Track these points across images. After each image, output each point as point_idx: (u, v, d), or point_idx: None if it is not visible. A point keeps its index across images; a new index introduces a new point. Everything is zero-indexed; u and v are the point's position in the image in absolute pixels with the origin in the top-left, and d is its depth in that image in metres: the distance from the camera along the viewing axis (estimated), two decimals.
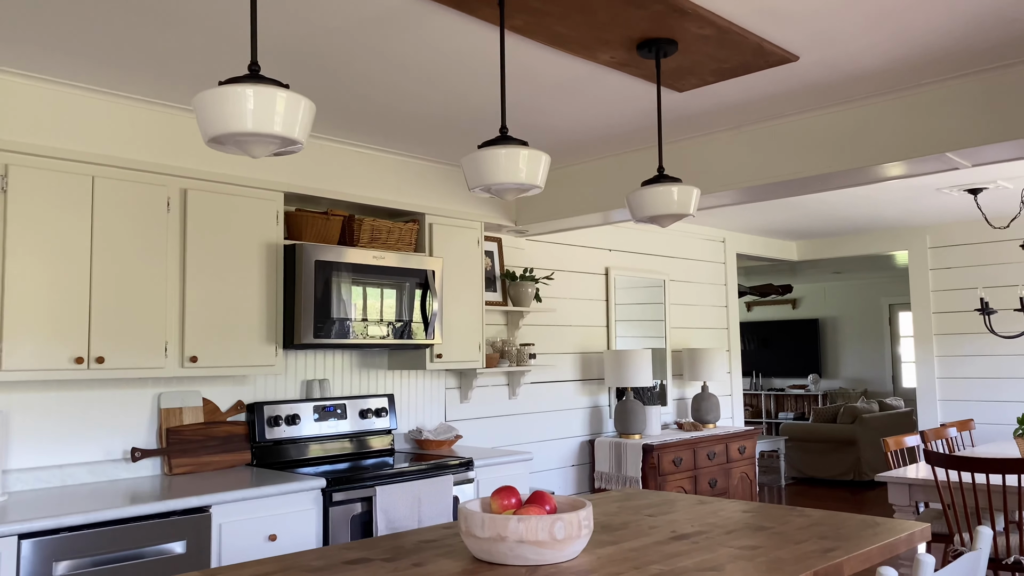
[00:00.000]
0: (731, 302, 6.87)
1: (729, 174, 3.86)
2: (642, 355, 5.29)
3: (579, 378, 5.48)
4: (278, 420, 3.78)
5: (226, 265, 3.41)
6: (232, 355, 3.40)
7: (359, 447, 4.09)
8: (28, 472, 3.12)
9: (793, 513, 2.50)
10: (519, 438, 5.05)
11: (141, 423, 3.44)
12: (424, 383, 4.55)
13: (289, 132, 1.69)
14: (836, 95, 3.37)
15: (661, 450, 5.14)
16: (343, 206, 4.06)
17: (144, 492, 3.02)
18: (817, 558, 1.95)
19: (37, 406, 3.18)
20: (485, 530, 1.89)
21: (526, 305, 4.89)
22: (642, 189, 2.67)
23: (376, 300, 3.81)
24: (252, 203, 3.51)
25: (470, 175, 2.20)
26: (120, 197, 3.13)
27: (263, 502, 3.12)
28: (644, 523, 2.38)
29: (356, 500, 3.39)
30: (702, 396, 5.97)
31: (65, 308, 2.96)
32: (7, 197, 2.86)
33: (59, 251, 2.96)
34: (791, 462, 8.80)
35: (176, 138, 3.33)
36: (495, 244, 4.93)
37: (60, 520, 2.60)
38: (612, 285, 5.73)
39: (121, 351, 3.09)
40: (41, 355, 2.90)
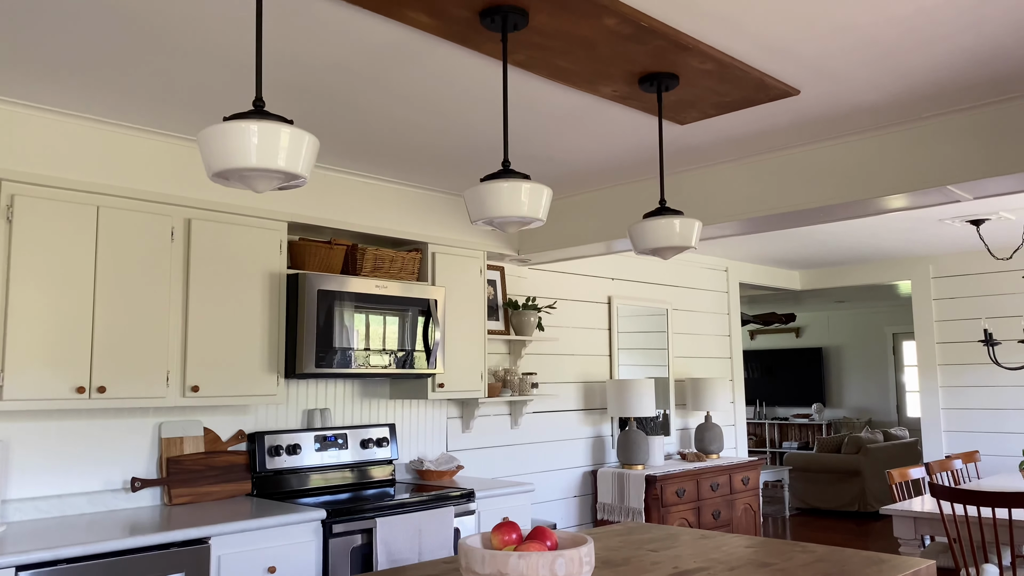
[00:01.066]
0: (734, 331, 6.86)
1: (731, 205, 3.87)
2: (645, 384, 5.27)
3: (581, 407, 5.46)
4: (279, 450, 3.76)
5: (229, 294, 3.42)
6: (234, 384, 3.40)
7: (360, 477, 4.06)
8: (27, 502, 3.11)
9: (796, 549, 2.47)
10: (521, 468, 5.02)
11: (141, 453, 3.43)
12: (426, 412, 4.54)
13: (292, 167, 1.70)
14: (838, 128, 3.39)
15: (664, 481, 5.11)
16: (346, 235, 4.07)
17: (143, 523, 3.01)
18: None
19: (37, 435, 3.17)
20: (486, 567, 1.87)
21: (528, 334, 4.89)
22: (644, 221, 2.68)
23: (378, 329, 3.81)
24: (256, 232, 3.53)
25: (472, 208, 2.21)
26: (124, 227, 3.14)
27: (263, 533, 3.09)
28: (646, 559, 2.36)
29: (356, 532, 3.36)
30: (705, 426, 5.94)
31: (68, 337, 2.97)
32: (12, 227, 2.88)
33: (63, 280, 2.97)
34: (795, 492, 8.73)
35: (181, 168, 3.35)
36: (497, 273, 4.94)
37: (58, 552, 2.58)
38: (615, 314, 5.72)
39: (123, 380, 3.09)
40: (43, 384, 2.90)
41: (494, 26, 2.29)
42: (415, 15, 2.28)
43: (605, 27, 2.36)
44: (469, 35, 2.41)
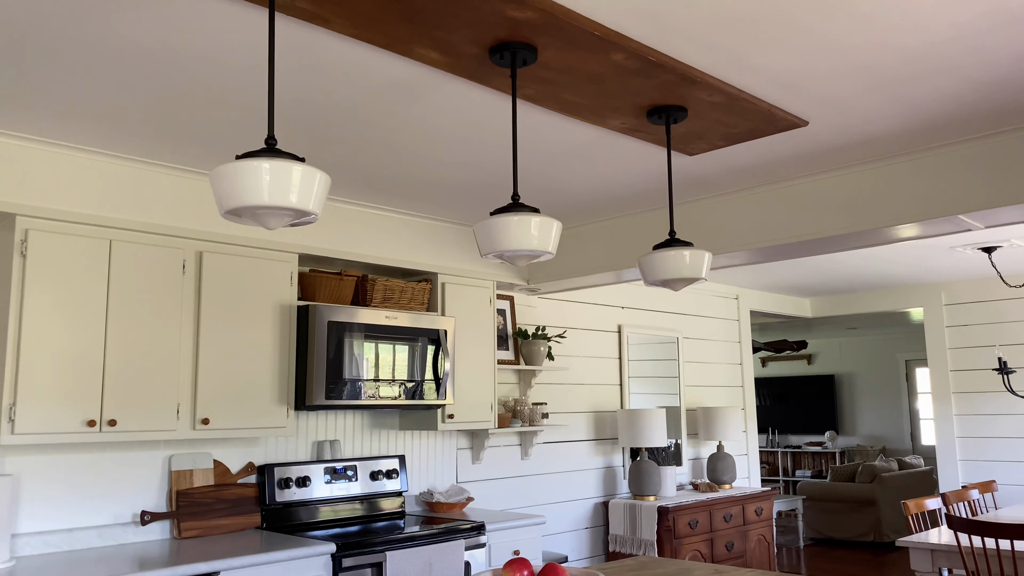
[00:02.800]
0: (745, 359, 6.82)
1: (740, 235, 3.87)
2: (656, 414, 5.24)
3: (592, 438, 5.43)
4: (289, 482, 3.75)
5: (240, 326, 3.43)
6: (244, 417, 3.40)
7: (370, 509, 4.04)
8: (36, 536, 3.10)
9: None
10: (531, 500, 4.98)
11: (151, 486, 3.43)
12: (435, 444, 4.52)
13: (304, 205, 1.71)
14: (847, 158, 3.39)
15: (676, 512, 5.06)
16: (357, 266, 4.09)
17: (152, 557, 2.99)
18: None
19: (47, 469, 3.17)
20: None
21: (538, 364, 4.88)
22: (653, 253, 2.68)
23: (388, 359, 3.81)
24: (267, 265, 3.55)
25: (482, 242, 2.22)
26: (136, 260, 3.16)
27: (273, 567, 3.07)
28: None
29: (366, 566, 3.34)
30: (718, 456, 5.89)
31: (79, 370, 2.98)
32: (26, 261, 2.90)
33: (75, 313, 2.99)
34: (809, 522, 8.62)
35: (192, 201, 3.38)
36: (507, 303, 4.94)
37: None
38: (625, 343, 5.70)
39: (133, 413, 3.09)
40: (54, 418, 2.90)
41: (503, 62, 2.31)
42: (425, 52, 2.30)
43: (613, 62, 2.38)
44: (478, 71, 2.43)
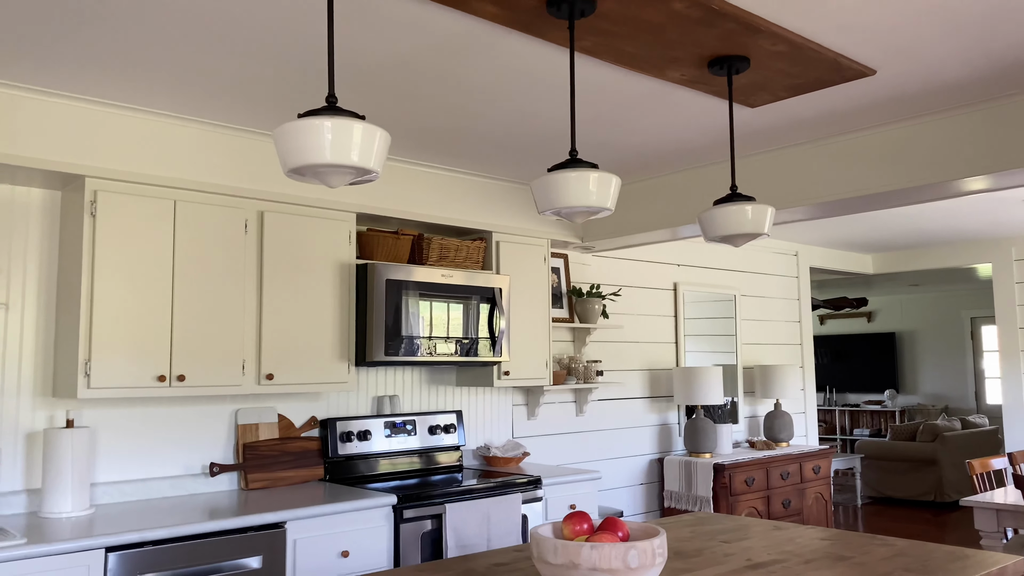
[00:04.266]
0: (804, 317, 6.71)
1: (803, 189, 3.78)
2: (712, 372, 5.20)
3: (647, 395, 5.42)
4: (350, 436, 3.84)
5: (301, 285, 3.49)
6: (306, 372, 3.48)
7: (428, 463, 4.12)
8: (113, 485, 3.24)
9: (875, 542, 2.41)
10: (586, 456, 5.02)
11: (219, 439, 3.55)
12: (492, 400, 4.57)
13: (365, 163, 1.72)
14: (916, 107, 3.27)
15: (733, 469, 5.04)
16: (412, 225, 4.11)
17: (222, 507, 3.11)
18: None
19: (122, 422, 3.30)
20: (558, 557, 1.88)
21: (593, 322, 4.87)
22: (714, 209, 2.63)
23: (444, 317, 3.85)
24: (326, 224, 3.59)
25: (540, 199, 2.21)
26: (200, 220, 3.23)
27: (336, 518, 3.17)
28: (718, 550, 2.34)
29: (426, 517, 3.41)
30: (775, 414, 5.84)
31: (149, 328, 3.08)
32: (96, 222, 2.99)
33: (143, 273, 3.08)
34: (867, 481, 8.52)
35: (254, 162, 3.43)
36: (561, 261, 4.93)
37: (144, 534, 2.69)
38: (681, 300, 5.65)
39: (201, 369, 3.19)
40: (126, 373, 3.01)
41: (560, 14, 2.27)
42: (482, 5, 2.27)
43: (673, 11, 2.32)
44: (535, 23, 2.39)
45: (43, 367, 3.13)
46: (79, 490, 2.96)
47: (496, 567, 2.15)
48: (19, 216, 3.12)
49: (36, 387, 3.11)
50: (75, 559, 2.56)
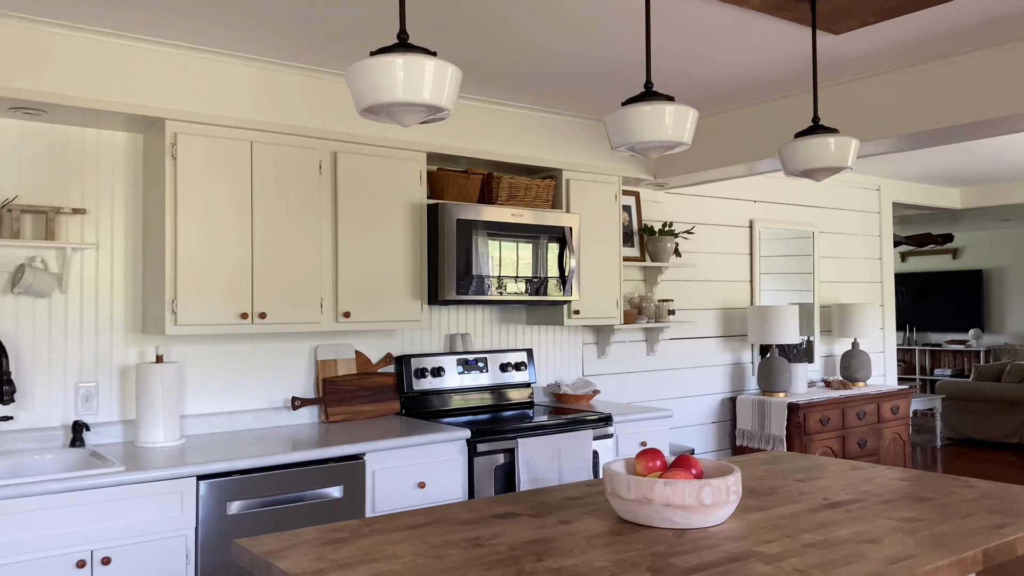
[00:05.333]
0: (885, 254, 6.48)
1: (888, 121, 3.60)
2: (788, 311, 5.10)
3: (720, 334, 5.36)
4: (424, 372, 3.92)
5: (374, 225, 3.54)
6: (381, 311, 3.55)
7: (499, 400, 4.19)
8: (201, 418, 3.40)
9: (958, 483, 2.36)
10: (657, 394, 5.02)
11: (300, 374, 3.67)
12: (562, 338, 4.59)
13: (437, 100, 1.71)
14: (1009, 31, 3.05)
15: (807, 409, 4.98)
16: (482, 164, 4.10)
17: (304, 439, 3.23)
18: (986, 535, 1.84)
19: (208, 357, 3.44)
20: (631, 492, 1.90)
21: (665, 260, 4.81)
22: (795, 142, 2.54)
23: (515, 256, 3.85)
24: (397, 164, 3.61)
25: (613, 134, 2.16)
26: (276, 161, 3.29)
27: (412, 451, 3.26)
28: (793, 489, 2.32)
29: (499, 451, 3.48)
30: (852, 353, 5.71)
31: (230, 267, 3.17)
32: (177, 164, 3.07)
33: (223, 214, 3.16)
34: (947, 422, 8.31)
35: (328, 102, 3.45)
36: (633, 198, 4.85)
37: (232, 464, 2.83)
38: (756, 238, 5.52)
39: (281, 307, 3.28)
40: (210, 311, 3.13)
41: None
42: None
43: None
44: None
45: (133, 305, 3.28)
46: (170, 422, 3.12)
47: (569, 500, 2.19)
48: (105, 160, 3.23)
49: (127, 324, 3.26)
50: (170, 486, 2.71)
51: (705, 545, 1.76)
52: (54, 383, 3.11)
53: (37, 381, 3.07)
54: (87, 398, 3.16)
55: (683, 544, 1.77)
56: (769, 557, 1.68)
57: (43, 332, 3.09)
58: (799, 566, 1.62)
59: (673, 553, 1.70)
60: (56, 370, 3.11)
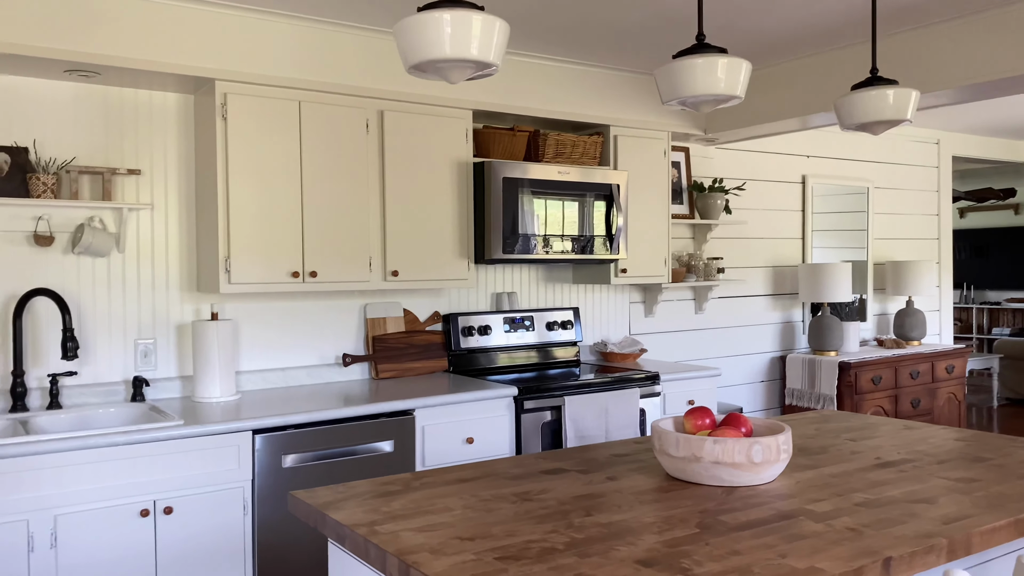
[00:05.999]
0: (943, 210, 6.29)
1: (952, 70, 3.46)
2: (840, 268, 5.00)
3: (770, 292, 5.28)
4: (471, 330, 3.95)
5: (421, 184, 3.54)
6: (429, 269, 3.57)
7: (545, 358, 4.20)
8: (256, 374, 3.49)
9: (1016, 444, 2.31)
10: (705, 353, 4.98)
11: (350, 331, 3.73)
12: (609, 297, 4.57)
13: (485, 56, 1.69)
14: None
15: (859, 368, 4.90)
16: (528, 121, 4.06)
17: (356, 395, 3.29)
18: None
19: (262, 315, 3.52)
20: (680, 450, 1.90)
21: (714, 218, 4.74)
22: (852, 94, 2.46)
23: (561, 215, 3.83)
24: (443, 122, 3.60)
25: (664, 88, 2.12)
26: (324, 120, 3.30)
27: (461, 407, 3.30)
28: (845, 448, 2.30)
29: (546, 408, 3.51)
30: (906, 311, 5.59)
31: (281, 227, 3.21)
32: (227, 124, 3.10)
33: (274, 174, 3.20)
34: (1005, 382, 8.11)
35: (373, 60, 3.44)
36: (682, 154, 4.77)
37: (286, 419, 2.90)
38: (809, 194, 5.40)
39: (331, 266, 3.33)
40: (263, 270, 3.18)
41: None
42: None
43: None
44: None
45: (188, 264, 3.35)
46: (226, 377, 3.20)
47: (616, 457, 2.20)
48: (158, 120, 3.28)
49: (183, 282, 3.34)
50: (227, 439, 2.79)
51: (754, 503, 1.76)
52: (114, 340, 3.21)
53: (99, 338, 3.18)
54: (146, 354, 3.26)
55: (732, 501, 1.77)
56: (819, 515, 1.67)
57: (103, 291, 3.18)
58: (851, 524, 1.61)
59: (722, 510, 1.70)
60: (116, 327, 3.21)
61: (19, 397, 2.93)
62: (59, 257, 3.10)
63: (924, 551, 1.48)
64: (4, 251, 3.00)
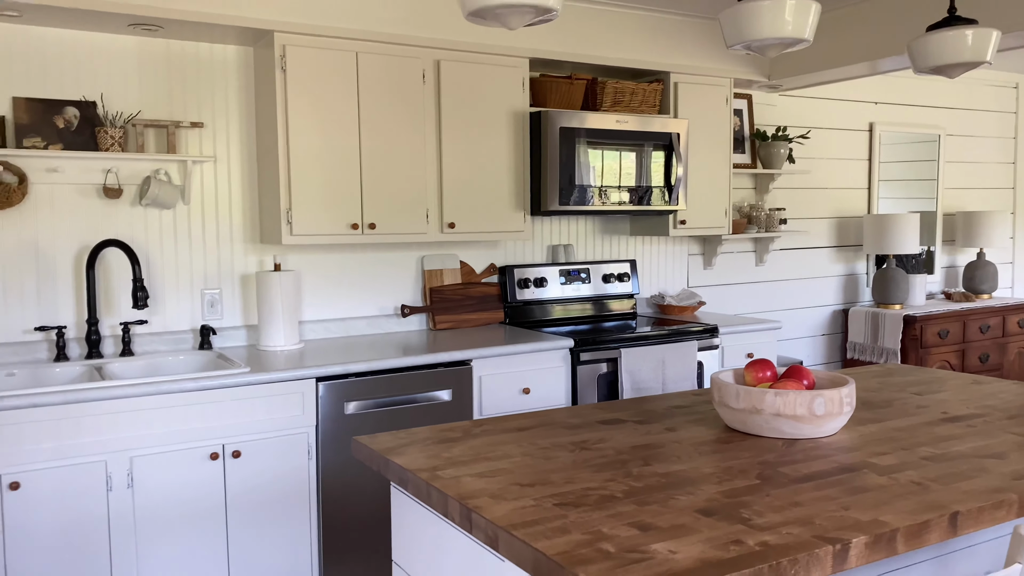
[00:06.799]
0: (1020, 158, 6.01)
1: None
2: (908, 219, 4.84)
3: (833, 244, 5.15)
4: (527, 282, 3.96)
5: (477, 135, 3.53)
6: (485, 221, 3.57)
7: (601, 310, 4.19)
8: (318, 323, 3.56)
9: None
10: (764, 306, 4.91)
11: (408, 283, 3.77)
12: (666, 249, 4.52)
13: (543, 1, 1.66)
14: None
15: (925, 321, 4.77)
16: (586, 69, 3.99)
17: (414, 345, 3.34)
18: None
19: (323, 266, 3.57)
20: (740, 401, 1.89)
21: (777, 167, 4.62)
22: (927, 35, 2.35)
23: (619, 165, 3.78)
24: (499, 71, 3.56)
25: (729, 32, 2.06)
26: (380, 71, 3.30)
27: (517, 358, 3.33)
28: (910, 402, 2.25)
29: (602, 360, 3.51)
30: (977, 264, 5.40)
31: (341, 178, 3.24)
32: (286, 76, 3.12)
33: (332, 126, 3.22)
34: None
35: (429, 10, 3.41)
36: (745, 102, 4.64)
37: (348, 367, 2.96)
38: (876, 142, 5.21)
39: (389, 218, 3.35)
40: (322, 222, 3.22)
41: None
42: None
43: None
44: None
45: (250, 215, 3.41)
46: (289, 327, 3.28)
47: (674, 409, 2.20)
48: (218, 73, 3.32)
49: (246, 234, 3.41)
50: (291, 386, 2.87)
51: (816, 455, 1.74)
52: (182, 290, 3.30)
53: (167, 288, 3.27)
54: (212, 304, 3.35)
55: (793, 453, 1.75)
56: (883, 469, 1.64)
57: (170, 242, 3.27)
58: (916, 479, 1.58)
59: (783, 462, 1.69)
60: (183, 277, 3.30)
61: (94, 344, 3.06)
62: (127, 209, 3.19)
63: (993, 506, 1.45)
64: (76, 203, 3.10)
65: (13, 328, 3.02)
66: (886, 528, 1.32)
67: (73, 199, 3.09)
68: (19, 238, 3.02)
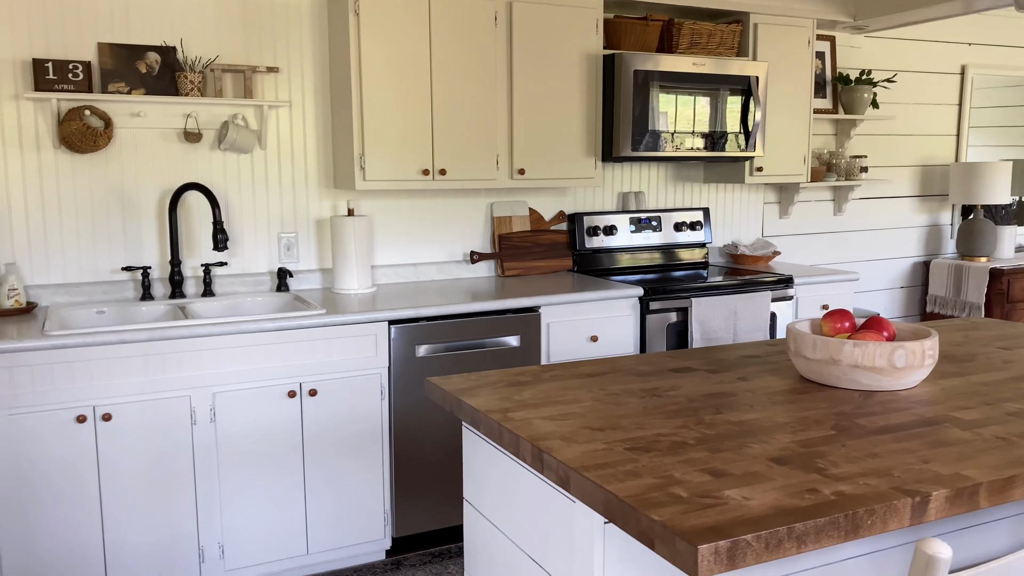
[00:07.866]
0: None
1: None
2: (999, 168, 4.61)
3: (917, 194, 4.95)
4: (596, 230, 3.93)
5: (549, 79, 3.48)
6: (555, 168, 3.54)
7: (671, 259, 4.14)
8: (390, 268, 3.62)
9: None
10: (842, 256, 4.77)
11: (477, 229, 3.78)
12: (741, 197, 4.41)
13: None
14: None
15: (1013, 275, 4.57)
16: (662, 10, 3.87)
17: (483, 291, 3.37)
18: None
19: (394, 212, 3.61)
20: (817, 352, 1.85)
21: (860, 112, 4.43)
22: None
23: (696, 110, 3.68)
24: (572, 12, 3.48)
25: None
26: (453, 14, 3.26)
27: (585, 306, 3.33)
28: (996, 356, 2.17)
29: (672, 310, 3.48)
30: None
31: (412, 124, 3.25)
32: (359, 20, 3.12)
33: (404, 70, 3.21)
34: None
35: None
36: (827, 44, 4.45)
37: (420, 311, 3.01)
38: (968, 86, 4.95)
39: (460, 164, 3.35)
40: (394, 167, 3.25)
41: None
42: None
43: None
44: None
45: (325, 161, 3.46)
46: (362, 271, 3.34)
47: (747, 358, 2.17)
48: (293, 19, 3.33)
49: (320, 179, 3.46)
50: (365, 328, 2.93)
51: (895, 408, 1.70)
52: (259, 233, 3.39)
53: (245, 231, 3.36)
54: (288, 247, 3.43)
55: (870, 406, 1.71)
56: (966, 423, 1.60)
57: (247, 186, 3.35)
58: (1001, 434, 1.53)
59: (860, 414, 1.66)
60: (260, 221, 3.38)
61: (177, 285, 3.17)
62: (207, 153, 3.27)
63: None
64: (158, 147, 3.19)
65: (102, 268, 3.15)
66: (968, 482, 1.29)
67: (155, 143, 3.18)
68: (106, 181, 3.13)
